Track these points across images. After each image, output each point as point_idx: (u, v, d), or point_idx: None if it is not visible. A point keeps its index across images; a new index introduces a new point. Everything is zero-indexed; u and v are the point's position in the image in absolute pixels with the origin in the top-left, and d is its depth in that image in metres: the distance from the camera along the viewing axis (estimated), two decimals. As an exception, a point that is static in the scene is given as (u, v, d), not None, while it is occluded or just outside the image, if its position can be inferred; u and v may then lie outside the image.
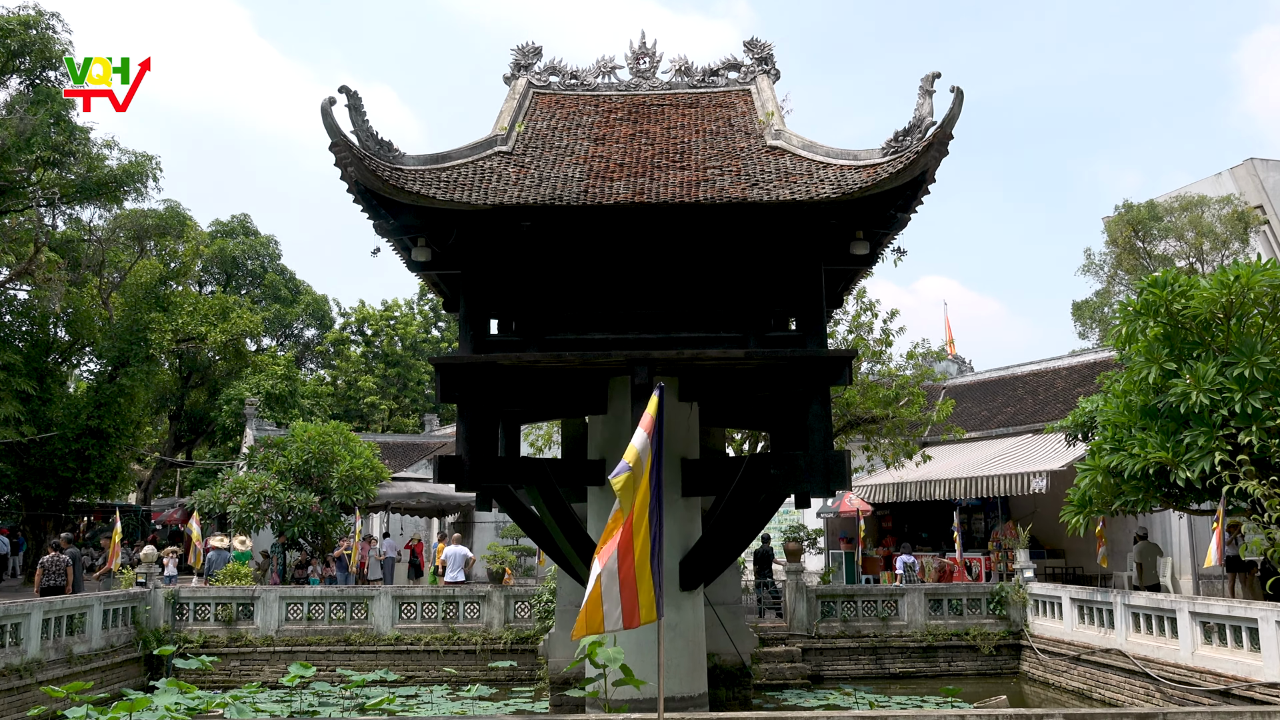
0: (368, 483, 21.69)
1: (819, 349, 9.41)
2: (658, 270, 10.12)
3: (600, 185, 9.37)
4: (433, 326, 55.06)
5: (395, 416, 51.63)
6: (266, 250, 46.95)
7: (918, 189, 8.98)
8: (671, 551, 9.86)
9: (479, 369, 9.61)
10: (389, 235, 9.72)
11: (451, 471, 9.56)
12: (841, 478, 9.22)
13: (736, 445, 20.21)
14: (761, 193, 9.04)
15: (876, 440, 19.29)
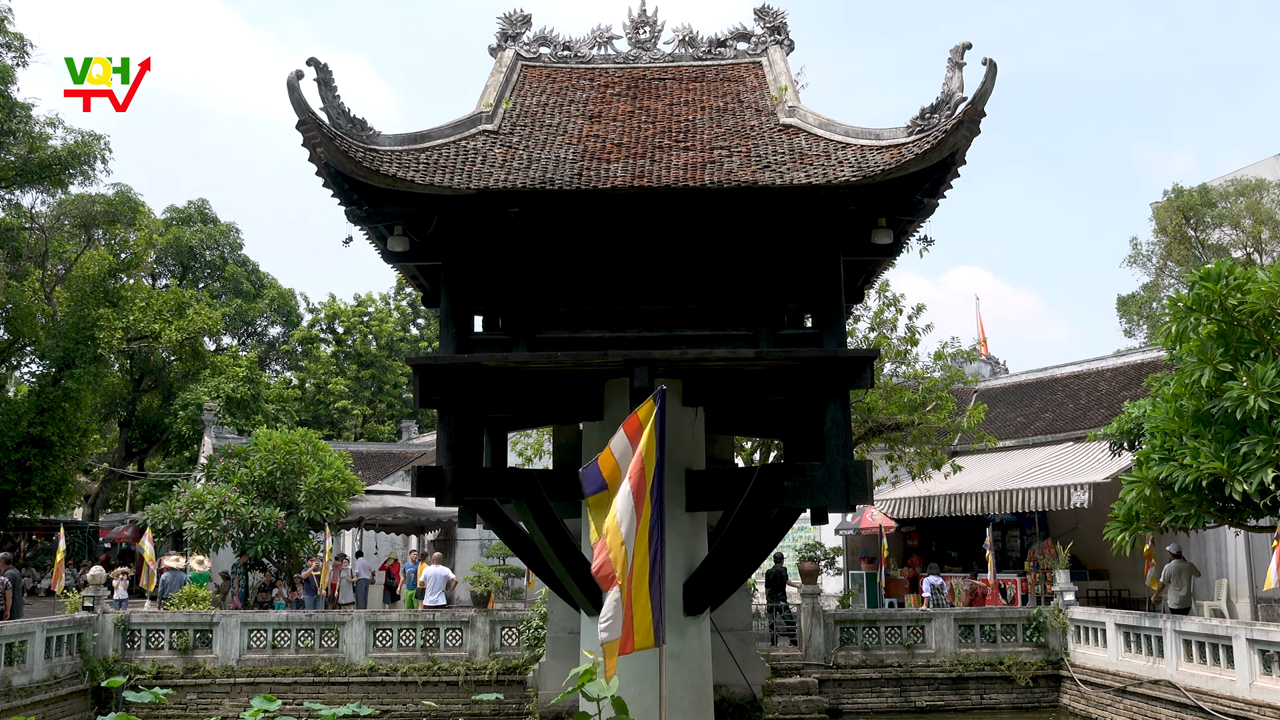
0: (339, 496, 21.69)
1: (837, 348, 9.41)
2: (659, 262, 10.13)
3: (596, 167, 9.37)
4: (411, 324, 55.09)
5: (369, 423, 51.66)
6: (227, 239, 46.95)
7: (946, 171, 8.99)
8: (674, 572, 9.86)
9: (462, 371, 9.61)
10: (362, 223, 9.72)
11: (431, 484, 9.57)
12: (862, 490, 9.23)
13: (746, 455, 20.21)
14: (774, 176, 9.04)
15: (901, 449, 19.28)
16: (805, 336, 9.69)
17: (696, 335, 9.65)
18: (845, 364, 9.39)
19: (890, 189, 9.07)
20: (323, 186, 9.28)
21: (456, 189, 8.99)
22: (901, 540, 26.49)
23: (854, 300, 12.27)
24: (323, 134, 8.73)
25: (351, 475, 22.77)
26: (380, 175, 8.95)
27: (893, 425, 18.43)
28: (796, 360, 9.50)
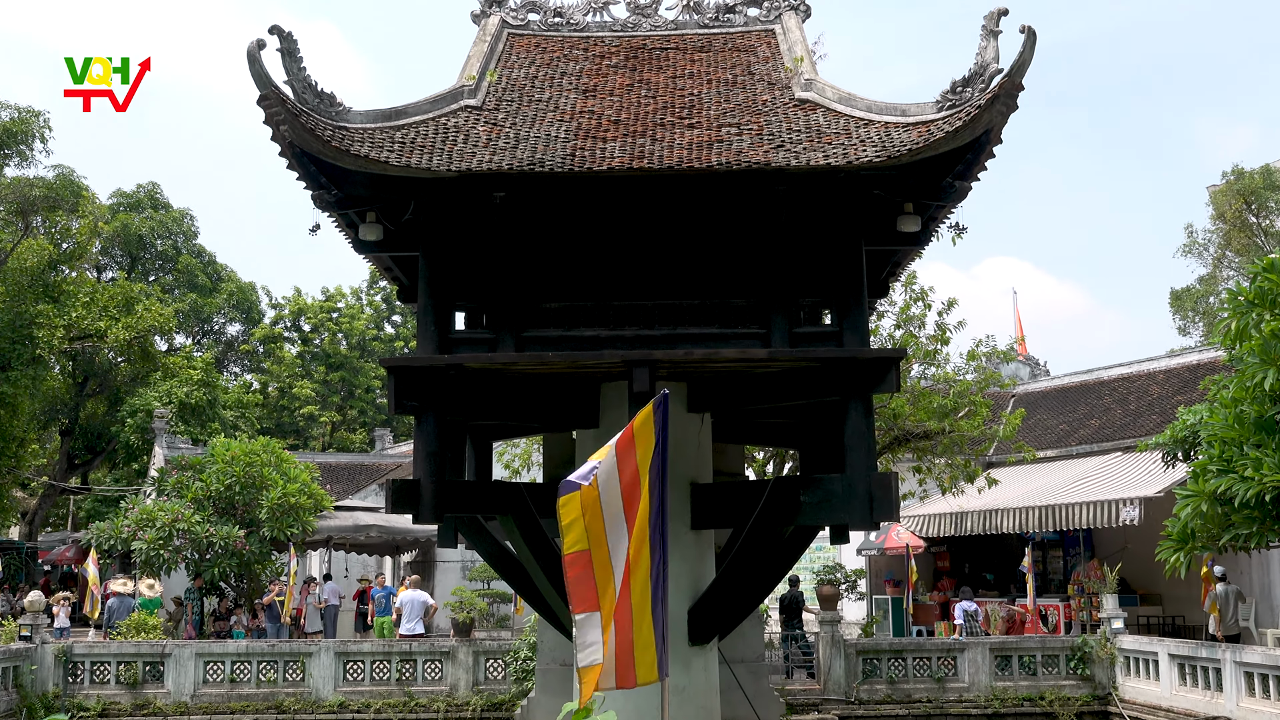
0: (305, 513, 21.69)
1: (859, 348, 9.42)
2: (661, 252, 10.13)
3: (591, 147, 9.38)
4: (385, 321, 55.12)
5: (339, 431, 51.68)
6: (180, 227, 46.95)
7: (981, 151, 8.99)
8: (678, 597, 9.86)
9: (442, 373, 9.62)
10: (331, 209, 9.73)
11: (408, 499, 9.57)
12: (888, 506, 9.23)
13: (758, 466, 20.21)
14: (789, 156, 9.05)
15: (930, 460, 19.29)
16: (823, 335, 9.70)
17: (702, 334, 9.66)
18: (868, 365, 9.40)
19: (918, 171, 9.07)
20: (287, 169, 9.28)
21: (435, 171, 8.99)
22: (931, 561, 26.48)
23: (877, 294, 12.27)
24: (286, 110, 8.73)
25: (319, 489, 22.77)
26: (350, 156, 8.96)
27: (921, 433, 18.44)
28: (813, 361, 9.51)
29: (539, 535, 10.08)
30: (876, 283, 11.71)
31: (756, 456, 20.26)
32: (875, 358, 9.48)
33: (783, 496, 9.70)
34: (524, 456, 21.97)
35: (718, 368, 9.91)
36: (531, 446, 21.71)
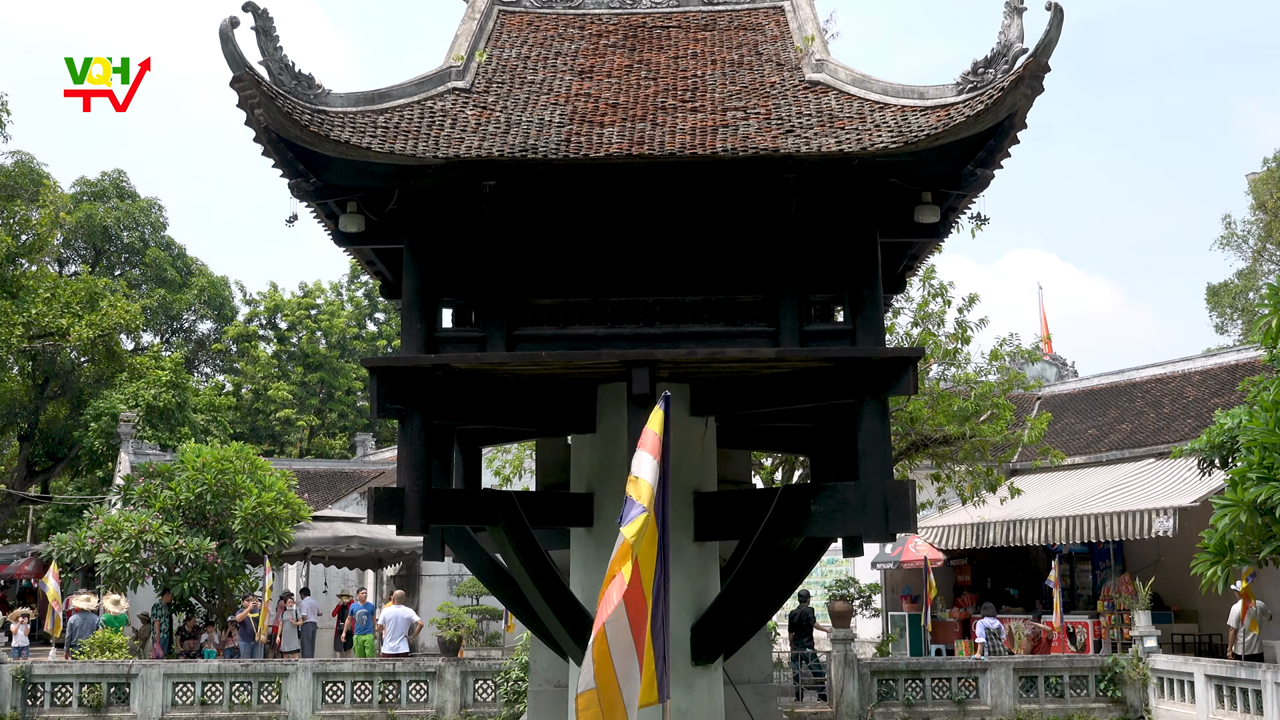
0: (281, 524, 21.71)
1: (874, 346, 9.42)
2: (662, 245, 10.14)
3: (587, 132, 9.38)
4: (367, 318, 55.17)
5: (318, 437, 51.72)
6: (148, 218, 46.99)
7: (1004, 136, 8.99)
8: (680, 614, 9.86)
9: (427, 374, 9.62)
10: (309, 198, 9.73)
11: (391, 509, 9.57)
12: (904, 516, 9.23)
13: (766, 474, 20.24)
14: (799, 142, 9.05)
15: (950, 467, 19.31)
16: (835, 333, 9.70)
17: (706, 332, 9.66)
18: (883, 365, 9.40)
19: (937, 157, 9.08)
20: (262, 155, 9.28)
21: (421, 158, 9.00)
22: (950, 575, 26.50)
23: (893, 290, 12.28)
24: (261, 92, 8.74)
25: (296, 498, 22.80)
26: (330, 141, 8.96)
27: (940, 439, 18.46)
28: (825, 361, 9.51)
29: (532, 547, 10.08)
30: (892, 277, 11.71)
31: (764, 463, 20.28)
32: (891, 357, 9.48)
33: (792, 506, 9.71)
34: (515, 463, 22.00)
35: (722, 368, 9.91)
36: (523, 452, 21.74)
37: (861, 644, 21.10)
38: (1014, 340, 20.43)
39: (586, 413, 10.77)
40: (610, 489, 10.23)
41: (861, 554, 11.66)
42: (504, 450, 22.31)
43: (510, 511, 10.05)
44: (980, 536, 22.75)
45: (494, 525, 10.10)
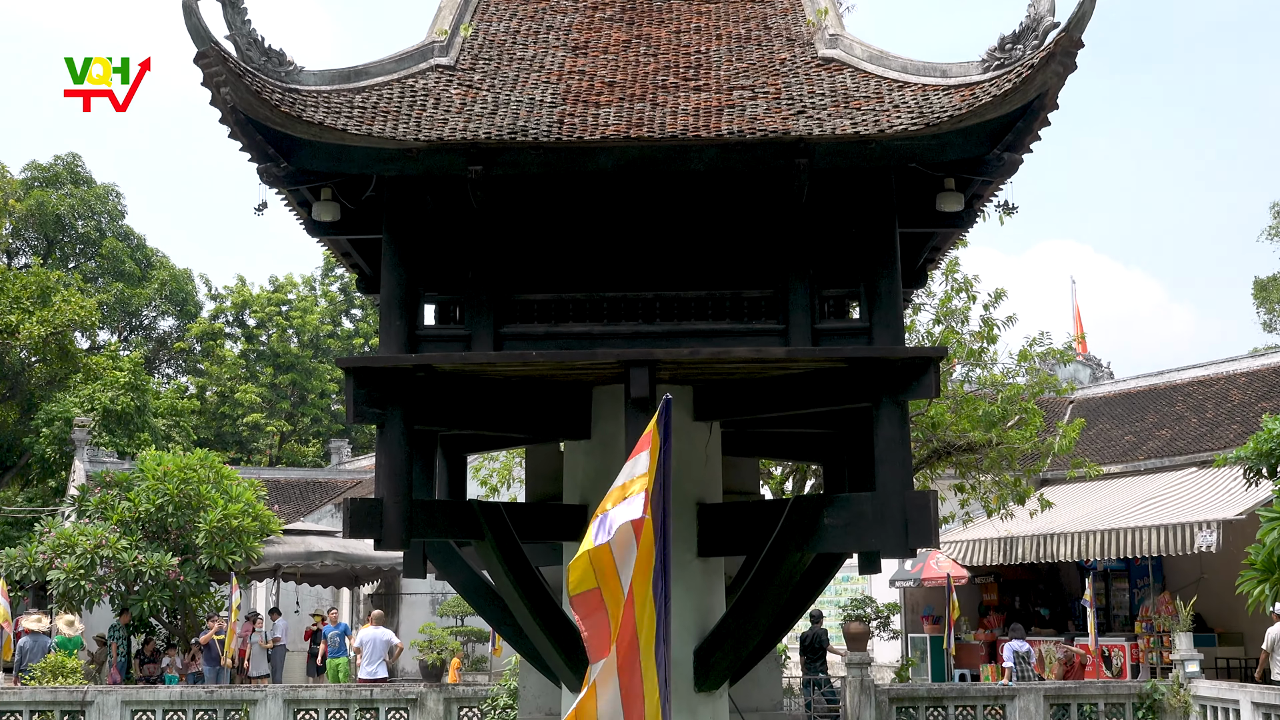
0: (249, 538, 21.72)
1: (893, 345, 9.44)
2: (663, 236, 10.14)
3: (581, 113, 9.39)
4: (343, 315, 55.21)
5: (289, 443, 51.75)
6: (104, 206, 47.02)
7: (1033, 118, 9.01)
8: (683, 636, 9.88)
9: (408, 375, 9.63)
10: (280, 184, 9.74)
11: (369, 521, 9.58)
12: (925, 530, 9.24)
13: (775, 484, 20.26)
14: (811, 123, 9.06)
15: (975, 477, 19.34)
16: (851, 330, 9.71)
17: (710, 329, 9.68)
18: (902, 366, 9.41)
19: (961, 140, 9.09)
20: (229, 137, 9.28)
21: (401, 141, 9.00)
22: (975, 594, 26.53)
23: (913, 284, 12.29)
24: (228, 69, 8.74)
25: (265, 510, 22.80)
26: (302, 123, 8.97)
27: (964, 446, 18.49)
28: (839, 361, 9.53)
29: (522, 563, 10.09)
30: (912, 271, 11.72)
31: (773, 472, 20.30)
32: (911, 357, 9.49)
33: (803, 518, 9.72)
34: (503, 472, 22.02)
35: (728, 369, 9.92)
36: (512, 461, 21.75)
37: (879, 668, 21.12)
38: (1045, 340, 20.44)
39: (580, 417, 10.77)
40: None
41: (879, 571, 11.66)
42: (491, 458, 22.32)
43: (498, 524, 10.06)
44: (1008, 552, 22.77)
45: (480, 539, 10.10)
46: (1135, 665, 21.31)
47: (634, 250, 10.18)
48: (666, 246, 10.20)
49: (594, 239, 10.25)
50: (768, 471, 19.98)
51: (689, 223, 10.25)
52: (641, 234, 10.21)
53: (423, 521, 9.86)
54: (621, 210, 10.24)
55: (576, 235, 10.27)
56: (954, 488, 19.46)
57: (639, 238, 10.21)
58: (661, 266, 10.11)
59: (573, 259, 10.21)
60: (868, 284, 9.67)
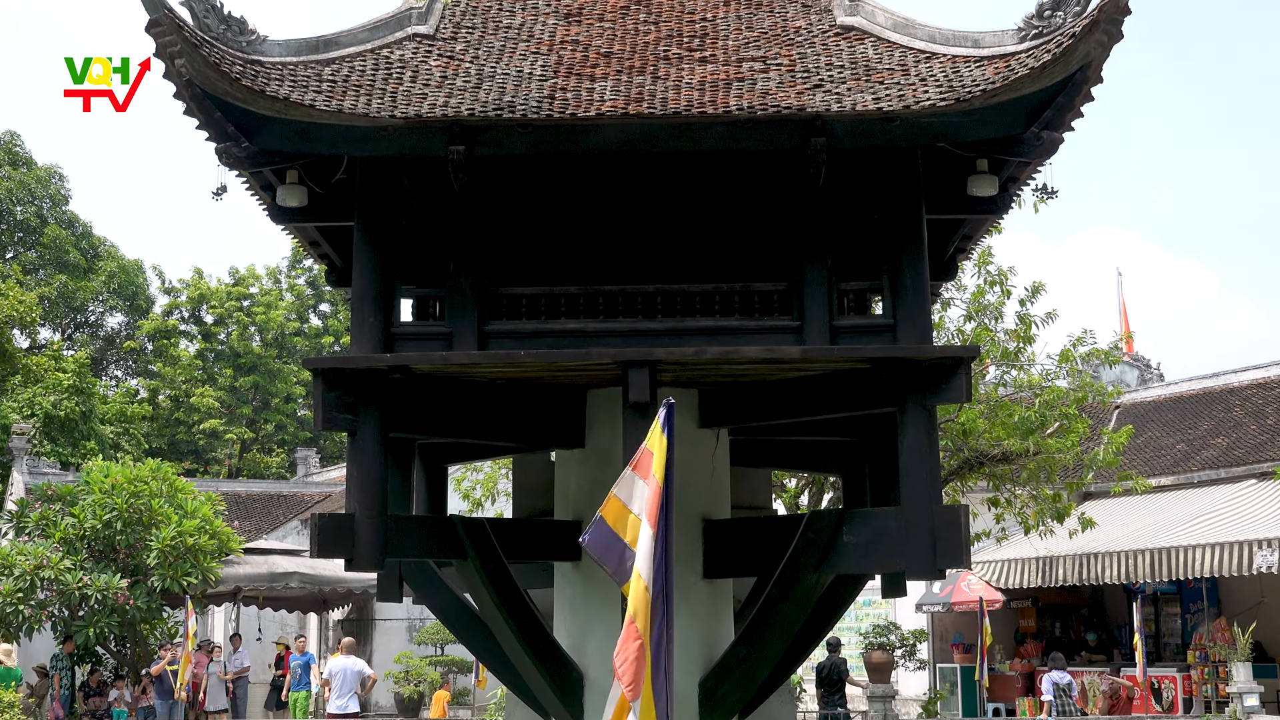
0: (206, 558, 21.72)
1: (919, 344, 9.45)
2: (665, 223, 10.15)
3: (575, 87, 9.41)
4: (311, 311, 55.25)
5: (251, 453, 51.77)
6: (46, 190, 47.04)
7: (1075, 93, 9.02)
8: (687, 665, 9.89)
9: (383, 378, 9.64)
10: (241, 166, 9.74)
11: (339, 540, 9.59)
12: (955, 549, 9.26)
13: (789, 498, 20.28)
14: (830, 99, 9.08)
15: (1011, 490, 19.35)
16: (873, 327, 9.73)
17: (717, 326, 9.69)
18: (930, 366, 9.43)
19: (995, 117, 9.10)
20: (185, 114, 9.30)
21: (375, 118, 9.02)
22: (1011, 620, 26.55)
23: (942, 277, 12.31)
24: (183, 39, 8.76)
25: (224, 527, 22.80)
26: (265, 98, 8.98)
27: (999, 456, 18.51)
28: (860, 362, 9.54)
29: (508, 585, 10.10)
30: (941, 262, 11.74)
31: (787, 485, 20.30)
32: (940, 357, 9.51)
33: (820, 536, 9.73)
34: (488, 485, 22.04)
35: (737, 370, 9.93)
36: (498, 472, 21.76)
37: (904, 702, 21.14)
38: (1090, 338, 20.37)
39: (574, 424, 10.78)
40: (602, 515, 10.24)
41: (904, 594, 11.66)
42: (475, 469, 22.33)
43: (482, 542, 10.07)
44: (1047, 573, 22.77)
45: (463, 559, 10.11)
46: (1188, 699, 21.32)
47: (633, 239, 10.17)
48: (669, 235, 10.20)
49: (589, 227, 10.24)
50: (781, 484, 19.98)
51: (694, 209, 10.24)
52: (641, 221, 10.21)
53: (399, 539, 9.87)
54: (619, 195, 10.24)
55: (569, 223, 10.27)
56: (988, 502, 19.47)
57: (638, 226, 10.20)
58: (663, 257, 10.11)
59: (565, 249, 10.20)
60: (891, 276, 9.69)
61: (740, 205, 10.20)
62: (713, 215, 10.24)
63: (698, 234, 10.19)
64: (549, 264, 10.12)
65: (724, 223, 10.22)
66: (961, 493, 19.34)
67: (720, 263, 10.09)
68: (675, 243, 10.17)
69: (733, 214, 10.22)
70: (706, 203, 10.25)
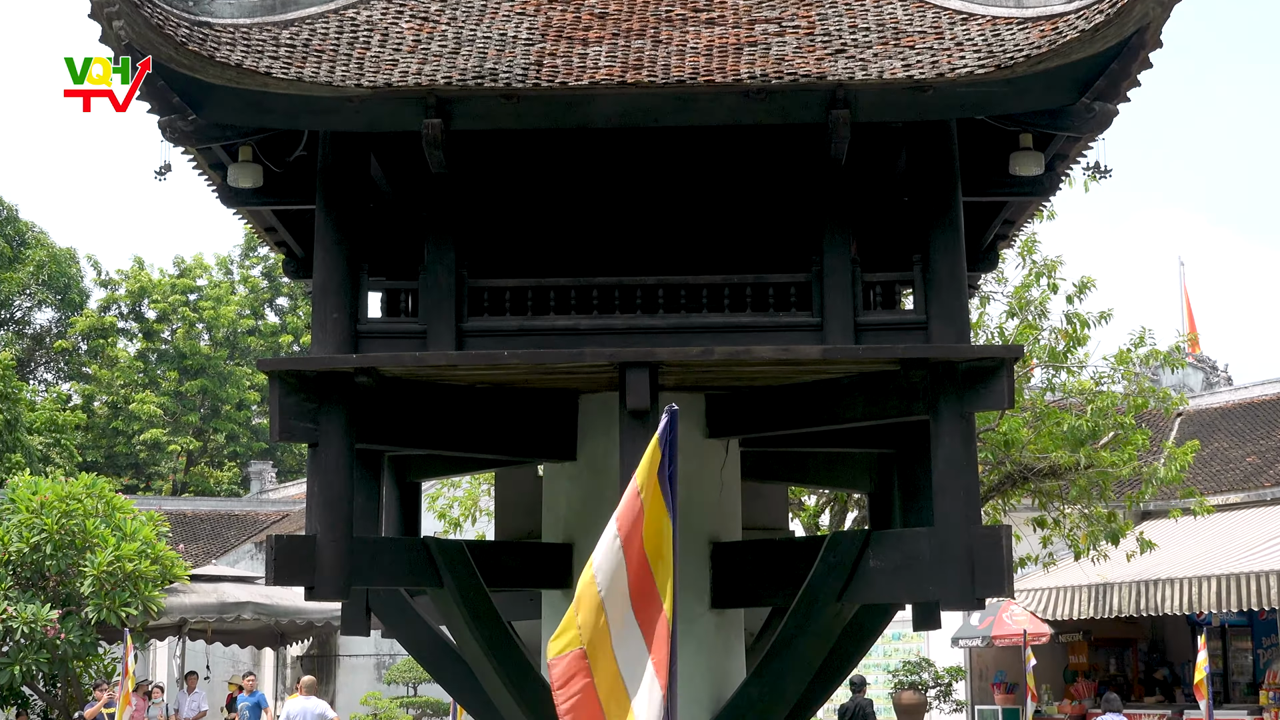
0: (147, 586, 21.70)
1: (955, 343, 9.47)
2: (667, 208, 10.16)
3: (565, 52, 9.41)
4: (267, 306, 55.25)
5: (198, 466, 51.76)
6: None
7: (1132, 58, 9.03)
8: (692, 707, 9.90)
9: (348, 382, 9.65)
10: (188, 142, 9.76)
11: (299, 564, 9.59)
12: (996, 575, 9.27)
13: (808, 517, 20.29)
14: (853, 66, 9.08)
15: (1059, 509, 19.35)
16: (902, 324, 9.74)
17: (727, 323, 9.70)
18: (968, 369, 9.44)
19: (1041, 86, 9.11)
20: (124, 82, 9.30)
21: (339, 87, 9.02)
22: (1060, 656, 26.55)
23: (981, 267, 12.33)
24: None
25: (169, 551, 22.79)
26: (215, 64, 8.99)
27: (1046, 470, 18.50)
28: (888, 363, 9.55)
29: (490, 616, 10.12)
30: (979, 250, 11.76)
31: (805, 503, 20.31)
32: (979, 358, 9.51)
33: (843, 560, 9.74)
34: (467, 503, 22.04)
35: (749, 373, 9.94)
36: (479, 488, 21.77)
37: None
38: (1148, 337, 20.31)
39: (564, 434, 10.80)
40: (596, 537, 10.24)
41: (938, 626, 11.67)
42: (452, 485, 22.34)
43: (460, 568, 10.08)
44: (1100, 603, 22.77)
45: (439, 587, 10.12)
46: (1259, 745, 21.33)
47: (631, 226, 10.18)
48: (672, 221, 10.21)
49: (581, 212, 10.25)
50: (798, 502, 20.00)
51: (700, 191, 10.26)
52: (640, 206, 10.22)
53: (367, 564, 9.87)
54: (615, 176, 10.25)
55: (559, 207, 10.28)
56: (1032, 523, 19.48)
57: (638, 210, 10.21)
58: (666, 246, 10.12)
59: (555, 237, 10.21)
60: (924, 266, 9.69)
61: (752, 187, 10.22)
62: (721, 198, 10.25)
63: (704, 220, 10.20)
64: (537, 254, 10.13)
65: (734, 207, 10.23)
66: (1003, 511, 19.33)
67: (730, 252, 10.10)
68: (679, 230, 10.18)
69: (744, 197, 10.24)
70: (714, 184, 10.26)
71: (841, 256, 9.74)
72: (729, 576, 10.51)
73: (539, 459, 11.44)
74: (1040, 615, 23.98)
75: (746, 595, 10.72)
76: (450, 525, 21.64)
